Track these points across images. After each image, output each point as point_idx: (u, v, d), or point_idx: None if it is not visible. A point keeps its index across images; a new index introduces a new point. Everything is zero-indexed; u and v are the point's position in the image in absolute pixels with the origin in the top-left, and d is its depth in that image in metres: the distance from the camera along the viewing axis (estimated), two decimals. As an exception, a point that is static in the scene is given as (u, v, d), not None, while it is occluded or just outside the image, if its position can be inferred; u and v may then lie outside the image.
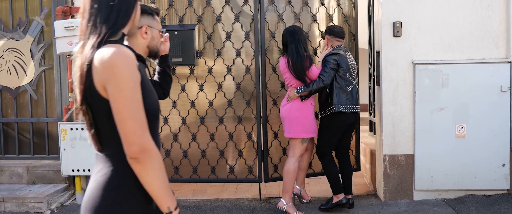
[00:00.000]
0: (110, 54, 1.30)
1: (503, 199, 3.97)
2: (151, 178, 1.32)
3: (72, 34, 4.06)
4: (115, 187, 1.36)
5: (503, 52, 3.99)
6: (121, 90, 1.29)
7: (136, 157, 1.30)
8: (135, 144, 1.29)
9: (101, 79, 1.31)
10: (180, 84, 4.23)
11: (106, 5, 1.40)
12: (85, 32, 1.38)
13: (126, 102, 1.29)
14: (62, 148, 4.24)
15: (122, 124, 1.30)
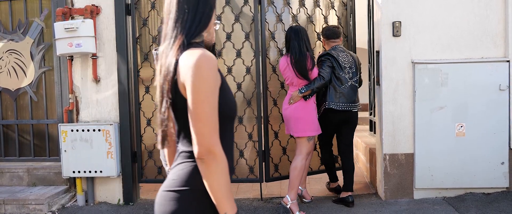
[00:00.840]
0: (195, 57, 1.35)
1: (503, 197, 4.00)
2: (212, 180, 1.36)
3: (72, 35, 4.07)
4: (194, 181, 1.42)
5: (502, 51, 4.02)
6: (198, 92, 1.34)
7: (202, 158, 1.35)
8: (202, 145, 1.34)
9: (183, 78, 1.37)
10: (181, 85, 4.23)
11: (192, 7, 1.45)
12: (171, 33, 1.44)
13: (201, 105, 1.34)
14: (63, 150, 4.24)
15: (194, 125, 1.35)
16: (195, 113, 1.34)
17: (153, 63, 4.26)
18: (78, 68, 4.34)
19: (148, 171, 4.35)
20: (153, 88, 4.28)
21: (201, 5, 1.46)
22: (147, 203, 4.37)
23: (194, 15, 1.46)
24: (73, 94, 4.34)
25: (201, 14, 1.47)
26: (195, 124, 1.34)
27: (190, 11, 1.45)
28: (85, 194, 4.36)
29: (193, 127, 1.35)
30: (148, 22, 4.26)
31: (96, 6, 4.24)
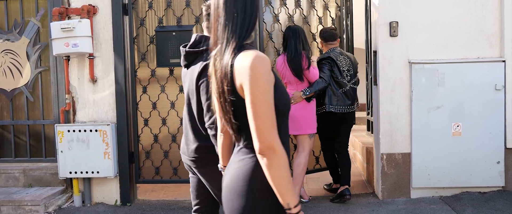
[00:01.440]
0: (251, 58, 1.44)
1: (498, 196, 4.03)
2: (274, 174, 1.43)
3: (68, 35, 4.05)
4: (256, 175, 1.51)
5: (497, 52, 4.05)
6: (256, 92, 1.42)
7: (263, 154, 1.43)
8: (262, 142, 1.42)
9: (240, 80, 1.45)
10: (178, 85, 4.23)
11: (240, 11, 1.52)
12: (222, 37, 1.52)
13: (259, 104, 1.42)
14: (59, 150, 4.22)
15: (253, 123, 1.43)
16: (254, 112, 1.42)
17: (151, 64, 4.25)
18: (75, 69, 4.32)
19: (146, 171, 4.34)
20: (150, 89, 4.27)
21: (249, 7, 1.53)
22: (144, 203, 4.36)
23: (243, 18, 1.52)
24: (69, 94, 4.32)
25: (249, 16, 1.53)
26: (255, 122, 1.42)
27: (239, 14, 1.52)
28: (82, 195, 4.34)
29: (253, 125, 1.43)
30: (146, 22, 4.24)
31: (93, 6, 4.23)
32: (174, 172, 4.29)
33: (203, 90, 2.14)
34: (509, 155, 4.09)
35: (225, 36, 1.51)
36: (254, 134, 1.43)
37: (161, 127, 4.28)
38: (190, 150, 2.27)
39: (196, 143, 2.24)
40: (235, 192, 1.54)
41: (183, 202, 4.35)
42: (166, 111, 4.26)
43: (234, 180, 1.55)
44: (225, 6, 1.52)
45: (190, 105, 2.27)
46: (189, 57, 2.28)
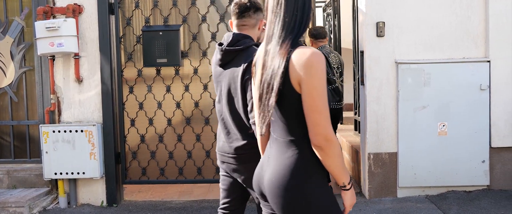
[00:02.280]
0: (309, 55, 1.52)
1: (483, 195, 4.08)
2: (331, 162, 1.56)
3: (53, 34, 4.00)
4: (303, 167, 1.59)
5: (482, 52, 4.10)
6: (316, 87, 1.51)
7: (320, 145, 1.53)
8: (320, 134, 1.52)
9: (298, 76, 1.52)
10: (165, 85, 4.20)
11: (300, 11, 1.60)
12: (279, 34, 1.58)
13: (318, 98, 1.51)
14: (44, 151, 4.16)
15: (311, 116, 1.52)
16: (314, 106, 1.51)
17: (138, 63, 4.22)
18: (60, 68, 4.27)
19: (132, 172, 4.30)
20: (137, 89, 4.23)
21: (307, 8, 1.61)
22: (131, 204, 4.32)
23: (301, 16, 1.60)
24: (54, 94, 4.27)
25: (306, 16, 1.61)
26: (313, 115, 1.52)
27: (299, 12, 1.59)
28: (67, 196, 4.29)
29: (310, 118, 1.52)
30: (132, 21, 4.21)
31: (79, 5, 4.18)
32: (161, 172, 4.26)
33: (248, 87, 2.17)
34: (493, 154, 4.14)
35: (284, 33, 1.58)
36: (311, 127, 1.52)
37: (148, 127, 4.25)
38: (234, 147, 2.27)
39: (243, 140, 2.24)
40: (286, 188, 1.59)
41: (169, 202, 4.33)
42: (153, 111, 4.23)
43: (283, 175, 1.60)
44: (287, 4, 1.59)
45: (233, 104, 2.27)
46: (228, 56, 2.26)
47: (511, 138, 4.11)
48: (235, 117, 2.27)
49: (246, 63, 2.18)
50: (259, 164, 1.79)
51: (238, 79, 2.21)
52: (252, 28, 2.31)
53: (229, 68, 2.27)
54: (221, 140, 2.37)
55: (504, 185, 4.18)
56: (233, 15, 2.32)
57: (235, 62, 2.25)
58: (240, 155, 2.26)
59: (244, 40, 2.26)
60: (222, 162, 2.38)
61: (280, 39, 1.58)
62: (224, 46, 2.27)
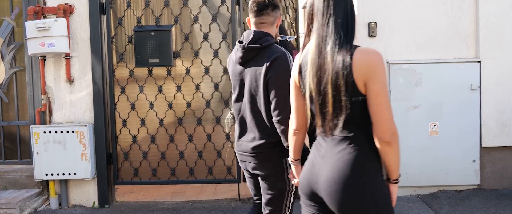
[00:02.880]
0: (373, 55, 1.61)
1: (474, 194, 4.11)
2: (394, 156, 1.63)
3: (44, 35, 3.97)
4: (365, 163, 1.64)
5: (473, 52, 4.13)
6: (383, 86, 1.59)
7: (389, 140, 1.59)
8: (390, 130, 1.59)
9: (364, 75, 1.59)
10: (157, 85, 4.19)
11: (351, 12, 1.67)
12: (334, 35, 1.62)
13: (385, 96, 1.60)
14: (35, 152, 4.13)
15: (381, 113, 1.59)
16: (383, 102, 1.59)
17: (129, 64, 4.20)
18: (51, 69, 4.24)
19: (124, 172, 4.28)
20: (128, 89, 4.21)
21: (353, 9, 1.68)
22: (123, 205, 4.30)
23: (352, 17, 1.67)
24: (45, 95, 4.23)
25: (354, 17, 1.68)
26: (383, 111, 1.59)
27: (349, 14, 1.66)
28: (58, 197, 4.26)
29: (380, 115, 1.59)
30: (124, 21, 4.19)
31: (70, 5, 4.15)
32: (153, 173, 4.25)
33: (272, 86, 2.18)
34: (484, 153, 4.17)
35: (340, 33, 1.63)
36: (381, 124, 1.59)
37: (139, 128, 4.23)
38: (252, 146, 2.29)
39: (261, 140, 2.27)
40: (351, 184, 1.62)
41: (162, 203, 4.32)
42: (145, 111, 4.22)
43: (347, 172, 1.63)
44: (337, 5, 1.65)
45: (254, 103, 2.28)
46: (250, 54, 2.27)
47: (501, 138, 4.14)
48: (255, 116, 2.28)
49: (269, 62, 2.19)
50: (308, 164, 1.80)
51: (260, 77, 2.22)
52: (270, 26, 2.33)
53: (251, 66, 2.28)
54: (239, 139, 2.38)
55: (494, 184, 4.22)
56: (251, 13, 2.33)
57: (256, 60, 2.26)
58: (258, 153, 2.28)
59: (266, 38, 2.27)
60: (242, 160, 2.40)
61: (338, 40, 1.62)
62: (245, 44, 2.27)
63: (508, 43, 4.09)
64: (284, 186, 2.30)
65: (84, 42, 4.18)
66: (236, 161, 4.18)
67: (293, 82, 1.85)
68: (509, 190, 4.19)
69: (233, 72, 2.39)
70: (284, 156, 2.26)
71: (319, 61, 1.65)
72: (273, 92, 2.18)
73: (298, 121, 1.89)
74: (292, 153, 2.00)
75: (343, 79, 1.60)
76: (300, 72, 1.77)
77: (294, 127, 1.92)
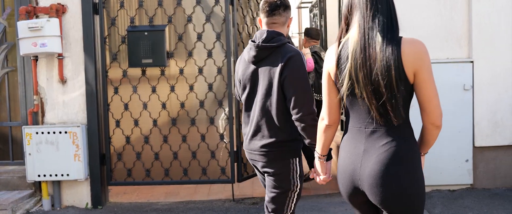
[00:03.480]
0: (420, 45, 1.71)
1: (467, 193, 4.13)
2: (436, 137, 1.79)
3: (36, 35, 3.94)
4: (409, 153, 1.72)
5: (466, 52, 4.15)
6: (430, 74, 1.69)
7: (439, 125, 1.73)
8: (441, 115, 1.72)
9: (414, 66, 1.67)
10: (151, 85, 4.17)
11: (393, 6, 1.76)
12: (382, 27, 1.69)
13: (433, 83, 1.70)
14: (27, 153, 4.10)
15: (432, 101, 1.70)
16: (434, 90, 1.70)
17: (123, 64, 4.18)
18: (43, 69, 4.21)
19: (117, 173, 4.26)
20: (122, 89, 4.19)
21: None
22: (116, 206, 4.28)
23: (394, 9, 1.76)
24: (38, 95, 4.20)
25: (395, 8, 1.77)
26: (434, 99, 1.70)
27: (392, 6, 1.75)
28: (51, 198, 4.23)
29: (432, 102, 1.70)
30: (117, 21, 4.17)
31: (62, 4, 4.12)
32: (147, 173, 4.23)
33: (289, 85, 2.21)
34: (477, 153, 4.20)
35: (387, 25, 1.69)
36: (433, 111, 1.70)
37: (133, 128, 4.21)
38: (261, 144, 2.31)
39: (270, 138, 2.29)
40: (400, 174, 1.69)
41: (156, 204, 4.30)
42: (138, 111, 4.20)
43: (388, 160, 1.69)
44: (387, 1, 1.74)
45: (266, 102, 2.29)
46: (263, 53, 2.29)
47: (493, 138, 4.17)
48: (265, 114, 2.30)
49: (284, 61, 2.22)
50: (347, 159, 1.81)
51: (275, 77, 2.24)
52: (282, 26, 2.36)
53: (264, 65, 2.30)
54: (248, 137, 2.40)
55: (487, 184, 4.25)
56: (262, 13, 2.36)
57: (270, 59, 2.28)
58: (268, 152, 2.30)
59: (279, 37, 2.30)
60: (251, 159, 2.42)
61: (386, 31, 1.69)
62: (259, 42, 2.29)
63: (501, 44, 4.12)
64: (288, 186, 2.33)
65: (77, 42, 4.16)
66: (230, 161, 4.18)
67: (327, 76, 1.85)
68: (502, 189, 4.22)
69: (244, 71, 2.39)
70: (292, 156, 2.31)
71: (366, 52, 1.68)
72: (291, 91, 2.20)
73: (331, 116, 1.89)
74: (321, 149, 2.01)
75: (394, 70, 1.64)
76: (338, 65, 1.77)
77: (326, 122, 1.92)
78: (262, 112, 2.31)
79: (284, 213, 2.39)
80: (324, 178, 2.13)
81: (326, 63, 1.87)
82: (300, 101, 2.19)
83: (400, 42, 1.68)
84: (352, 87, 1.73)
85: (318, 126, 1.99)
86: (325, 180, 2.14)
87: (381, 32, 1.68)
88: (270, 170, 2.34)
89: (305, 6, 8.86)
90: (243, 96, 2.42)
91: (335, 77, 1.80)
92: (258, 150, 2.33)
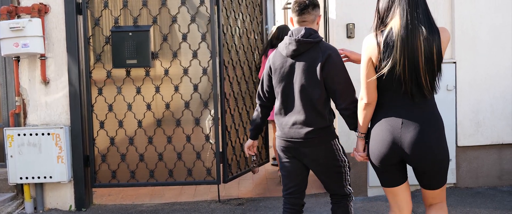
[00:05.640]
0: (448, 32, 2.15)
1: (450, 192, 4.18)
2: None
3: (18, 35, 3.88)
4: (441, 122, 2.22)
5: (449, 53, 4.21)
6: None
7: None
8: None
9: (445, 48, 2.13)
10: (136, 86, 4.14)
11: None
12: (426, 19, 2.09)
13: None
14: (9, 155, 4.03)
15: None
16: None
17: (107, 64, 4.13)
18: (25, 70, 4.14)
19: (102, 175, 4.21)
20: (106, 90, 4.15)
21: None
22: (100, 208, 4.23)
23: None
24: (20, 96, 4.14)
25: None
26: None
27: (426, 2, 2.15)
28: (33, 201, 4.17)
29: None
30: (101, 22, 4.12)
31: (45, 4, 4.07)
32: (132, 175, 4.19)
33: (332, 79, 2.44)
34: (460, 153, 4.26)
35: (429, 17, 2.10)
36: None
37: (117, 129, 4.17)
38: (304, 132, 2.50)
39: (311, 126, 2.49)
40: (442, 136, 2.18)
41: (140, 206, 4.26)
42: (123, 112, 4.16)
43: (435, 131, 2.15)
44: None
45: (307, 93, 2.48)
46: (303, 47, 2.48)
47: (476, 137, 4.23)
48: (306, 104, 2.49)
49: (324, 57, 2.44)
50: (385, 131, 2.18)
51: (316, 71, 2.44)
52: (311, 23, 2.57)
53: (302, 59, 2.49)
54: (288, 126, 2.55)
55: (469, 183, 4.31)
56: (293, 12, 2.57)
57: (309, 54, 2.48)
58: (312, 138, 2.50)
59: (316, 34, 2.52)
60: (289, 147, 2.58)
61: (429, 22, 2.08)
62: (298, 37, 2.47)
63: (482, 46, 4.19)
64: (337, 164, 2.60)
65: (59, 42, 4.10)
66: (215, 162, 4.16)
67: (367, 60, 2.18)
68: (484, 188, 4.29)
69: (282, 65, 2.55)
70: (332, 138, 2.57)
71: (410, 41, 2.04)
72: (335, 84, 2.44)
73: (370, 95, 2.21)
74: (362, 127, 2.33)
75: (437, 54, 2.06)
76: (385, 50, 2.10)
77: (365, 101, 2.23)
78: (304, 102, 2.49)
79: (345, 187, 2.68)
80: (363, 155, 2.43)
81: (367, 50, 2.20)
82: (345, 92, 2.46)
83: (438, 32, 2.08)
84: (393, 70, 2.08)
85: (358, 105, 2.31)
86: (363, 157, 2.43)
87: (423, 23, 2.05)
88: (316, 156, 2.55)
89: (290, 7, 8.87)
90: (280, 88, 2.57)
91: (378, 62, 2.14)
92: (302, 137, 2.51)
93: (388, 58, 2.09)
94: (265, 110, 2.75)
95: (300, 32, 2.49)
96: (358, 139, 2.41)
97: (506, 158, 4.31)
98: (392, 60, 2.07)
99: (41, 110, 4.15)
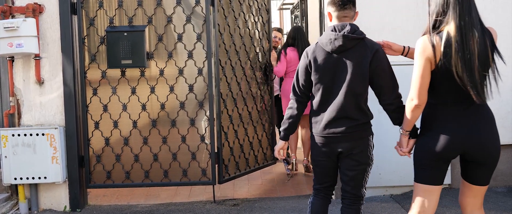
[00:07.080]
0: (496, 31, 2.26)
1: (445, 193, 4.20)
2: None
3: (12, 35, 3.87)
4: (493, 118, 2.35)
5: (443, 54, 4.21)
6: None
7: None
8: None
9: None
10: (131, 86, 4.13)
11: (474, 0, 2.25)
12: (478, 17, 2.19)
13: None
14: (3, 156, 4.01)
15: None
16: None
17: (102, 65, 4.12)
18: (20, 70, 4.13)
19: (97, 175, 4.20)
20: (101, 90, 4.14)
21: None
22: (95, 209, 4.22)
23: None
24: (14, 97, 4.12)
25: None
26: None
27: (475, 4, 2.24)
28: (28, 202, 4.15)
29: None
30: (96, 22, 4.11)
31: (39, 4, 4.05)
32: (127, 176, 4.18)
33: (379, 75, 2.52)
34: (454, 153, 4.26)
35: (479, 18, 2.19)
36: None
37: (112, 130, 4.15)
38: (348, 125, 2.55)
39: (356, 120, 2.56)
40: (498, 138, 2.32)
41: (135, 206, 4.26)
42: (118, 113, 4.15)
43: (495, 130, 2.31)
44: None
45: (353, 88, 2.52)
46: (350, 43, 2.50)
47: (470, 138, 4.24)
48: (350, 100, 2.53)
49: (372, 54, 2.49)
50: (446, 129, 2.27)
51: (363, 66, 2.49)
52: (350, 19, 2.60)
53: (348, 55, 2.51)
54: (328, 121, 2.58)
55: (464, 183, 4.31)
56: (334, 6, 2.57)
57: (355, 50, 2.51)
58: (353, 132, 2.57)
59: (359, 30, 2.55)
60: (328, 143, 2.62)
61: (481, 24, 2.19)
62: (345, 33, 2.48)
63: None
64: (367, 161, 2.65)
65: (54, 42, 4.09)
66: (210, 162, 4.15)
67: (424, 62, 2.23)
68: (479, 188, 4.29)
69: (325, 60, 2.56)
70: (369, 134, 2.65)
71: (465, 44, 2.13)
72: (381, 79, 2.51)
73: (421, 97, 2.27)
74: (407, 125, 2.40)
75: (491, 55, 2.17)
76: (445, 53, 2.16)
77: (416, 103, 2.29)
78: (348, 97, 2.52)
79: (363, 188, 2.71)
80: (405, 151, 2.50)
81: (424, 52, 2.23)
82: (391, 88, 2.53)
83: (490, 33, 2.19)
84: (450, 72, 2.16)
85: (407, 106, 2.36)
86: (405, 153, 2.50)
87: (476, 26, 2.14)
88: (353, 150, 2.59)
89: (286, 8, 8.89)
90: (323, 84, 2.58)
91: (435, 63, 2.21)
92: (343, 132, 2.55)
93: (445, 61, 2.16)
94: (301, 106, 2.74)
95: (345, 28, 2.50)
96: (402, 136, 2.47)
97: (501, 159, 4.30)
98: (450, 63, 2.15)
99: (35, 110, 4.14)
